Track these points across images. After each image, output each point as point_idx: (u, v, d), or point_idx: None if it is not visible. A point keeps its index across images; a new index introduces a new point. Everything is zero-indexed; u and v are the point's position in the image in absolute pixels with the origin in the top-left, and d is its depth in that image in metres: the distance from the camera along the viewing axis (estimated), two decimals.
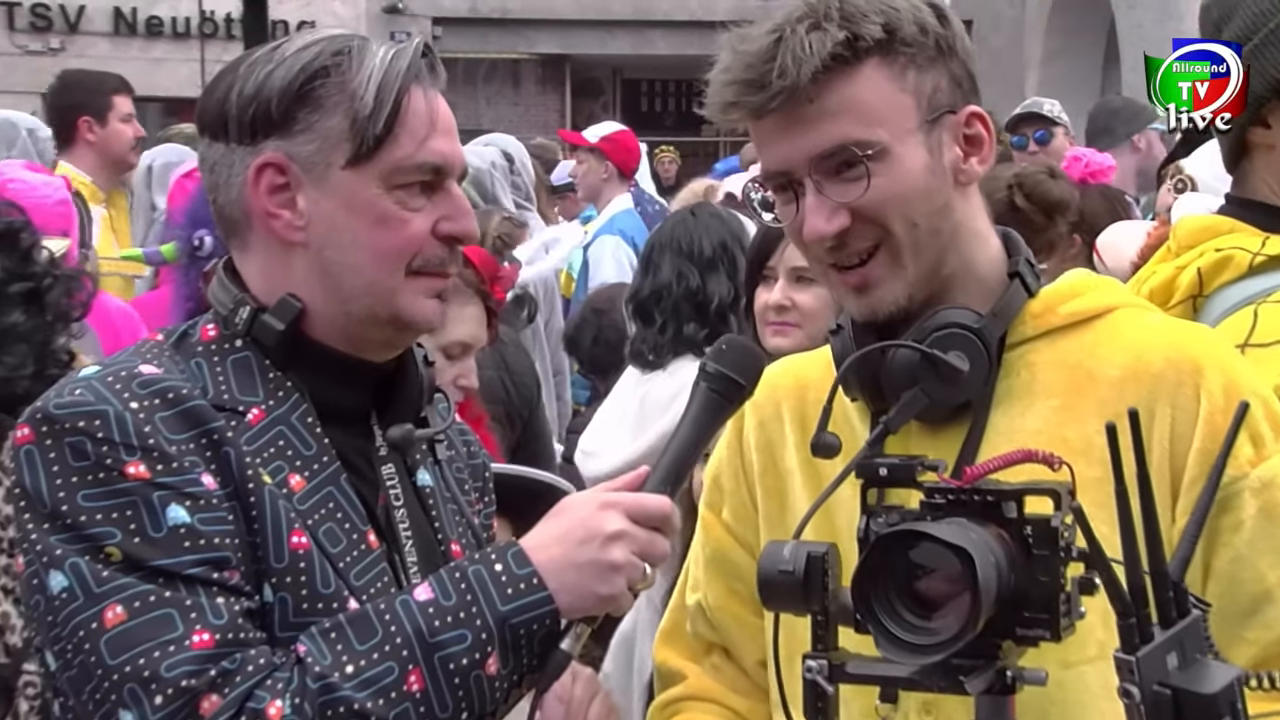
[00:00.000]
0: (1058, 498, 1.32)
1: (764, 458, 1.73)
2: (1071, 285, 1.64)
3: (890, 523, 1.34)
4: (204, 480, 1.47)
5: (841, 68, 1.53)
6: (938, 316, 1.57)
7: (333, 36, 1.58)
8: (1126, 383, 1.56)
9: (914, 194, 1.56)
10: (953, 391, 1.55)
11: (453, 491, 1.67)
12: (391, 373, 1.62)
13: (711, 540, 1.79)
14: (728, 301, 3.47)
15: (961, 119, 1.60)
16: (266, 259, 1.58)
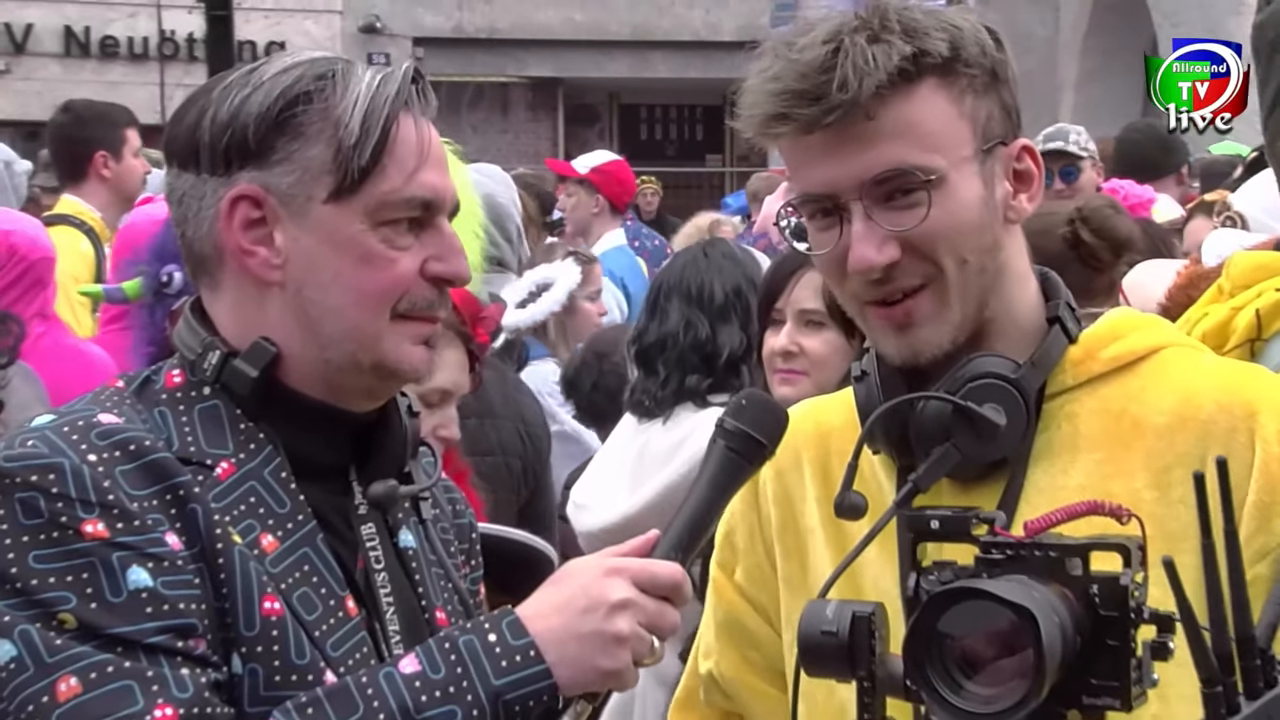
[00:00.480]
0: (1127, 554, 1.31)
1: (782, 512, 1.73)
2: (1113, 326, 1.64)
3: (943, 580, 1.33)
4: (168, 540, 1.47)
5: (903, 85, 1.53)
6: (972, 365, 1.56)
7: (314, 59, 1.58)
8: (1175, 430, 1.56)
9: (968, 228, 1.56)
10: (988, 447, 1.55)
11: (438, 554, 1.67)
12: (372, 424, 1.62)
13: (724, 604, 1.78)
14: (739, 353, 3.47)
15: (1013, 152, 1.60)
16: (239, 299, 1.58)
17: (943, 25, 1.57)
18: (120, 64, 17.00)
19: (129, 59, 16.97)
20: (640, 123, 19.10)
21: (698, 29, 17.27)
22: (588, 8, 17.72)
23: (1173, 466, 1.55)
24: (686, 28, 17.39)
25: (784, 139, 1.58)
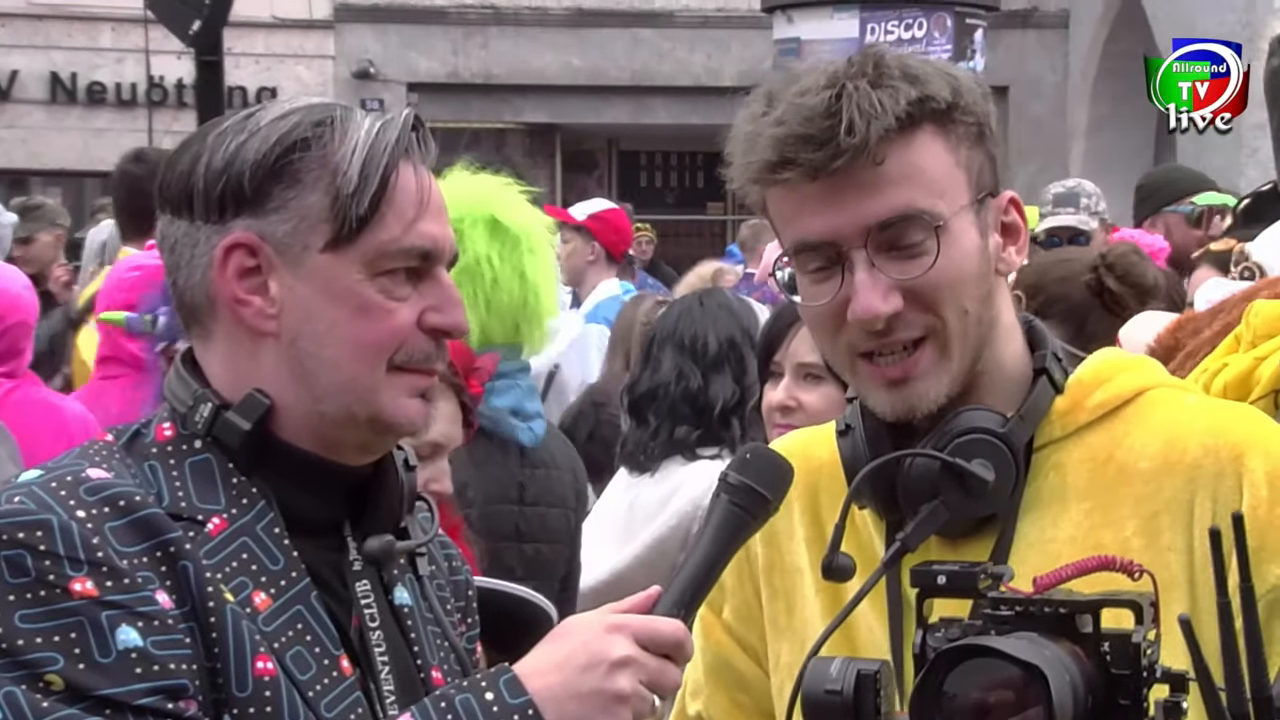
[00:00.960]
0: (1139, 611, 1.31)
1: (770, 551, 1.73)
2: (1097, 371, 1.65)
3: (950, 637, 1.33)
4: (158, 598, 1.47)
5: (907, 130, 1.55)
6: (960, 420, 1.57)
7: (312, 105, 1.59)
8: (1161, 475, 1.57)
9: (969, 277, 1.58)
10: (977, 504, 1.55)
11: (435, 611, 1.66)
12: (368, 478, 1.63)
13: (712, 644, 1.78)
14: (731, 404, 3.48)
15: (1001, 204, 1.63)
16: (232, 350, 1.59)
17: (941, 73, 1.59)
18: (107, 110, 17.07)
19: (116, 105, 17.03)
20: (640, 169, 19.16)
21: (698, 74, 17.36)
22: (586, 53, 17.82)
23: (1160, 513, 1.56)
24: (687, 73, 17.48)
25: (781, 187, 1.58)
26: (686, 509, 3.44)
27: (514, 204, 3.40)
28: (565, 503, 3.53)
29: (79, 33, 16.91)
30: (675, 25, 17.81)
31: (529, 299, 3.35)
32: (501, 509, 3.43)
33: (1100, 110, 16.83)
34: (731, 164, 1.61)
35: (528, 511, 3.46)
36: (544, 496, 3.47)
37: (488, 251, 3.30)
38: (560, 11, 17.79)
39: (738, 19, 16.94)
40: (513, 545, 3.44)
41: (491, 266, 3.30)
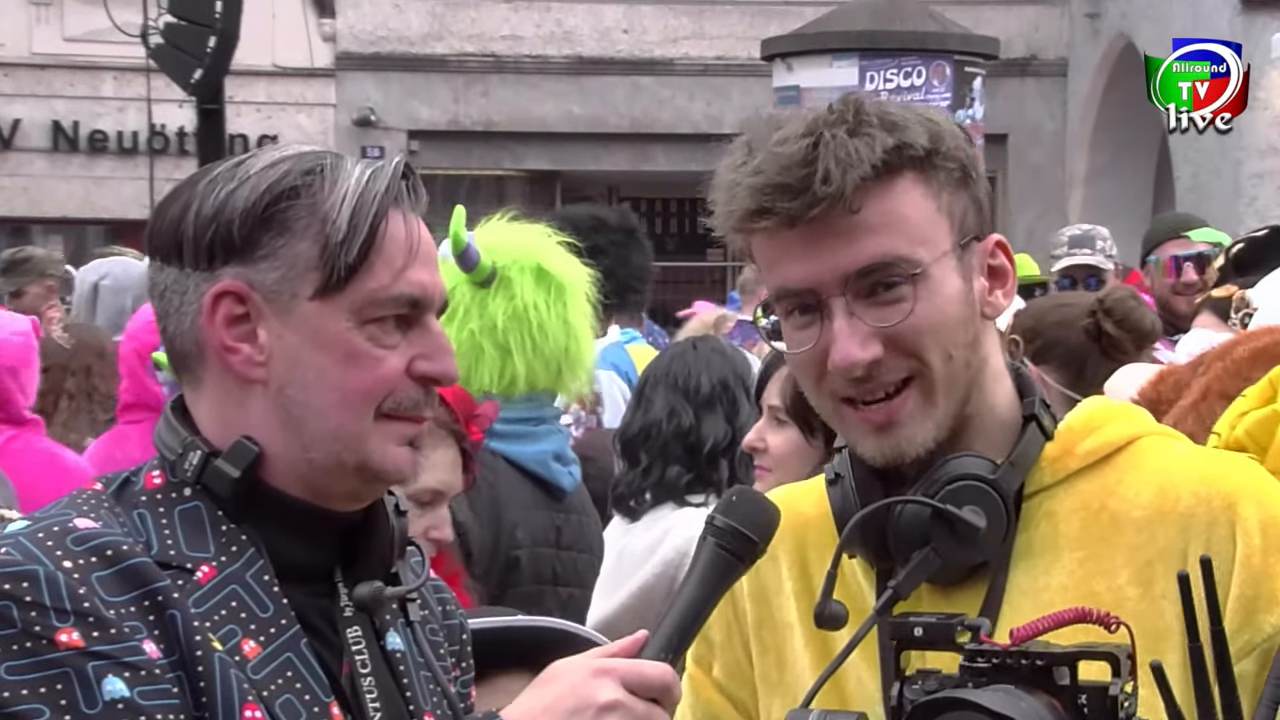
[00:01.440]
0: (1116, 663, 1.31)
1: (759, 608, 1.72)
2: (1087, 419, 1.65)
3: (927, 690, 1.33)
4: (145, 648, 1.46)
5: (886, 177, 1.56)
6: (950, 466, 1.57)
7: (302, 153, 1.59)
8: (1154, 524, 1.57)
9: (952, 323, 1.58)
10: (969, 551, 1.55)
11: (426, 657, 1.65)
12: (358, 524, 1.62)
13: (701, 702, 1.77)
14: (722, 445, 3.49)
15: (988, 247, 1.63)
16: (221, 397, 1.59)
17: (920, 119, 1.59)
18: (109, 159, 17.13)
19: (118, 153, 17.09)
20: (640, 216, 19.21)
21: (698, 122, 17.43)
22: (586, 101, 17.90)
23: (1154, 561, 1.55)
24: (687, 120, 17.55)
25: (761, 234, 1.59)
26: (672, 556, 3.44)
27: (558, 253, 3.47)
28: (593, 549, 3.55)
29: (81, 82, 16.99)
30: (675, 73, 17.90)
31: (571, 345, 3.40)
32: (542, 552, 3.45)
33: (1099, 159, 16.89)
34: (714, 212, 1.62)
35: (563, 556, 3.50)
36: (577, 542, 3.50)
37: (535, 299, 3.34)
38: (560, 60, 17.88)
39: (737, 67, 17.02)
40: (550, 589, 3.45)
41: (539, 313, 3.35)
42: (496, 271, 3.35)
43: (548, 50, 17.88)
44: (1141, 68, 8.67)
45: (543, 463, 3.45)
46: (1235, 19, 13.65)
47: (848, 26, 11.95)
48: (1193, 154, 14.87)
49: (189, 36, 10.42)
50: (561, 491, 3.49)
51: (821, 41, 11.89)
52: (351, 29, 17.81)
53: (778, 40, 12.55)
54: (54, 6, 16.76)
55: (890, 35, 11.70)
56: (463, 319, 3.34)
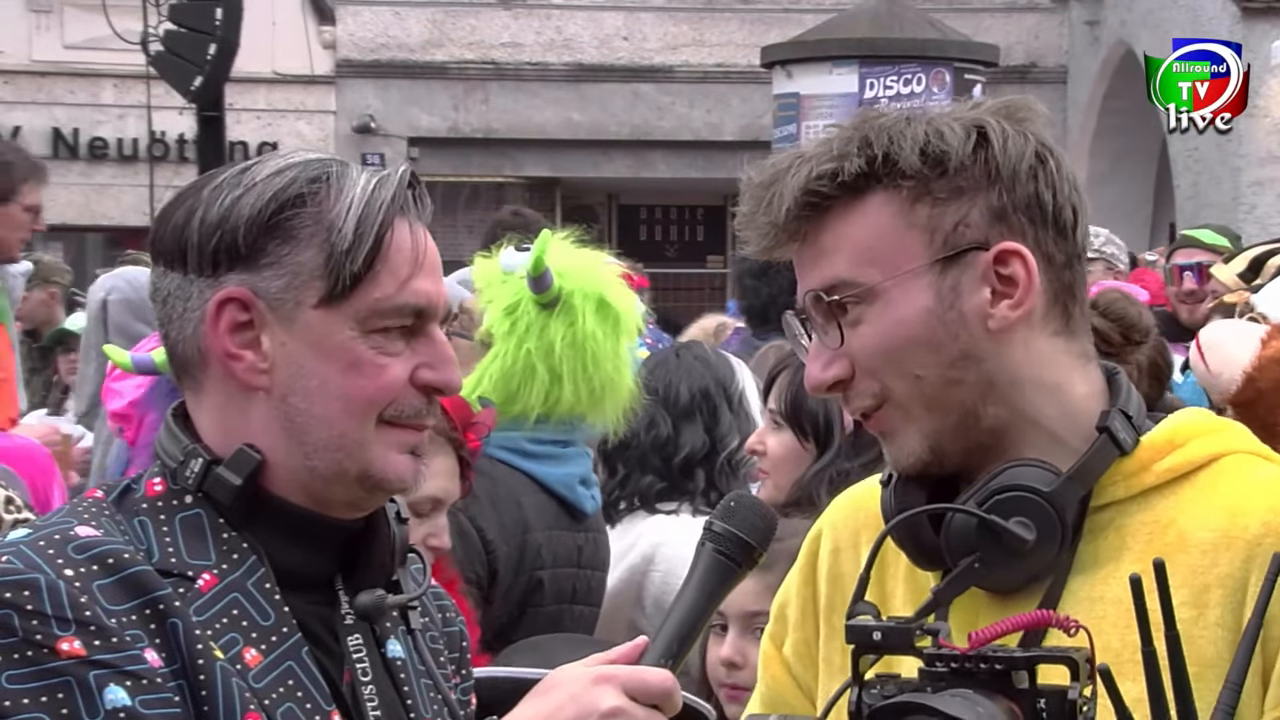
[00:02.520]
0: (1075, 667, 1.31)
1: (834, 592, 1.71)
2: (1172, 434, 1.60)
3: (886, 694, 1.33)
4: (147, 657, 1.46)
5: (837, 202, 1.57)
6: (1004, 475, 1.54)
7: (308, 161, 1.59)
8: (1219, 549, 1.53)
9: (909, 343, 1.56)
10: (1016, 563, 1.53)
11: (427, 664, 1.65)
12: (359, 531, 1.62)
13: (768, 677, 1.78)
14: (699, 455, 3.50)
15: (991, 257, 1.57)
16: (223, 404, 1.58)
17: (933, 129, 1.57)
18: (109, 166, 17.14)
19: (118, 160, 17.10)
20: (640, 223, 19.21)
21: (698, 129, 17.44)
22: (586, 108, 17.91)
23: (1212, 586, 1.52)
24: (687, 128, 17.55)
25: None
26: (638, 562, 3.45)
27: (618, 285, 3.49)
28: (605, 566, 3.56)
29: (81, 89, 17.01)
30: (675, 80, 17.91)
31: (616, 376, 3.41)
32: (565, 572, 3.47)
33: (1099, 166, 16.89)
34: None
35: (582, 575, 3.51)
36: (593, 560, 3.52)
37: (595, 329, 3.37)
38: (560, 67, 17.89)
39: (737, 74, 17.04)
40: (568, 608, 3.46)
41: (595, 343, 3.37)
42: (562, 295, 3.35)
43: (548, 57, 17.89)
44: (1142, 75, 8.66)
45: (569, 485, 3.45)
46: (1235, 25, 13.65)
47: (848, 34, 11.96)
48: (1192, 162, 14.87)
49: (189, 44, 10.43)
50: (583, 513, 3.50)
51: (821, 49, 11.89)
52: (351, 36, 17.82)
53: (778, 48, 12.56)
54: (54, 14, 16.77)
55: (890, 43, 11.70)
56: (522, 336, 3.34)
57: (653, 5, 17.98)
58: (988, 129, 1.58)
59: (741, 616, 2.72)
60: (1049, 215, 1.58)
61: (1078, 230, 1.61)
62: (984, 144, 1.57)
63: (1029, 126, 1.60)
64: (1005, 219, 1.57)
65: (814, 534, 1.75)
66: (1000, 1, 17.67)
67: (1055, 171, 1.59)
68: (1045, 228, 1.58)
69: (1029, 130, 1.59)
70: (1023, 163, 1.57)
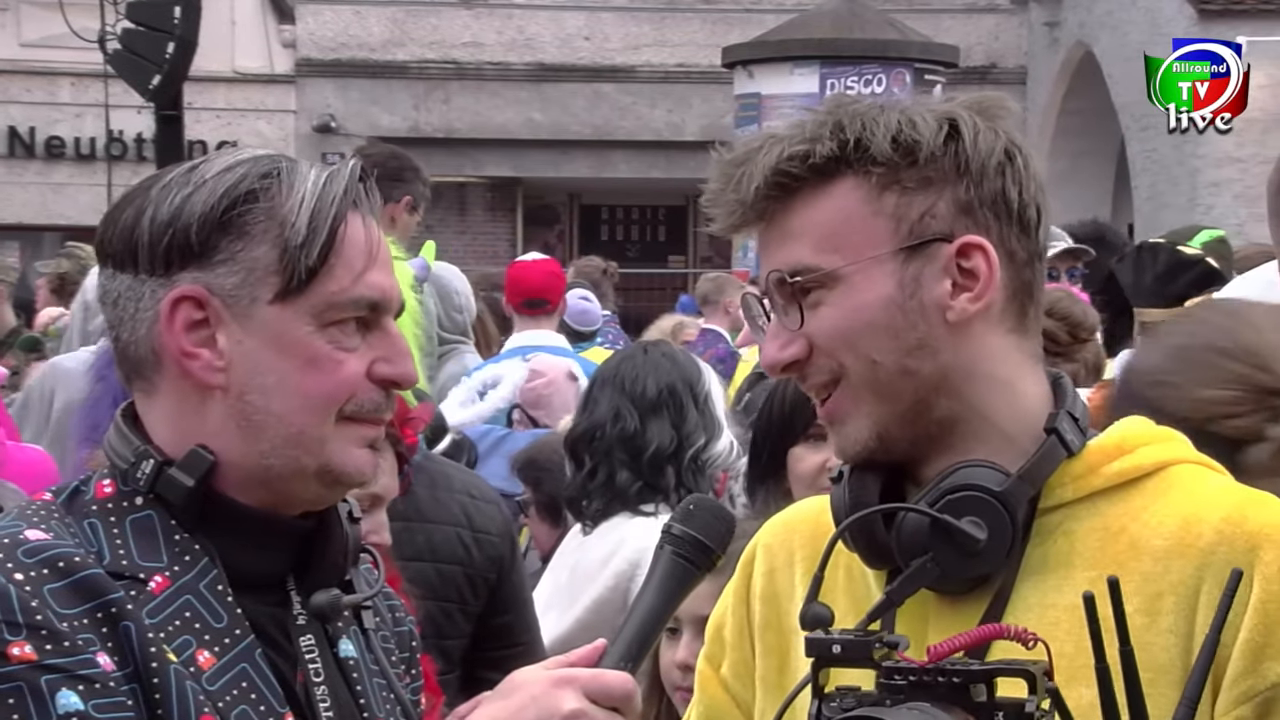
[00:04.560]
0: (1032, 680, 1.31)
1: (768, 610, 1.72)
2: (1121, 439, 1.60)
3: (844, 707, 1.33)
4: (99, 661, 1.45)
5: (805, 184, 1.57)
6: (956, 475, 1.54)
7: (258, 157, 1.58)
8: (1172, 556, 1.53)
9: (868, 328, 1.56)
10: (968, 563, 1.53)
11: (381, 664, 1.65)
12: (312, 531, 1.61)
13: (706, 698, 1.77)
14: (667, 451, 3.48)
15: (954, 250, 1.57)
16: (177, 404, 1.57)
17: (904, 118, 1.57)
18: (66, 165, 17.04)
19: (75, 160, 17.00)
20: (601, 223, 19.22)
21: (660, 129, 17.45)
22: (547, 108, 17.90)
23: (1165, 594, 1.52)
24: (648, 128, 17.56)
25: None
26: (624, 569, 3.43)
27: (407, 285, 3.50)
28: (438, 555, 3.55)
29: (38, 88, 16.89)
30: (637, 80, 17.93)
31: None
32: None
33: (1058, 166, 16.98)
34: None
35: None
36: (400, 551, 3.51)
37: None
38: (522, 67, 17.88)
39: (699, 74, 17.06)
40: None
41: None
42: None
43: (509, 57, 17.88)
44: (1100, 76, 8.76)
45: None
46: (1192, 28, 13.76)
47: (808, 34, 12.00)
48: (1150, 163, 14.98)
49: (147, 42, 10.38)
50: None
51: (782, 49, 11.94)
52: (311, 35, 17.76)
53: (739, 48, 12.59)
54: (10, 11, 16.65)
55: (851, 43, 11.75)
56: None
57: (614, 5, 17.99)
58: (960, 122, 1.58)
59: (697, 620, 2.65)
60: (1014, 212, 1.58)
61: (1040, 229, 1.61)
62: (955, 137, 1.57)
63: (1000, 124, 1.60)
64: (971, 213, 1.57)
65: (748, 555, 1.75)
66: (960, 2, 17.76)
67: (1023, 169, 1.59)
68: (1009, 224, 1.58)
69: (1000, 127, 1.59)
70: (992, 158, 1.57)
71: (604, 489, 3.50)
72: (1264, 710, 1.48)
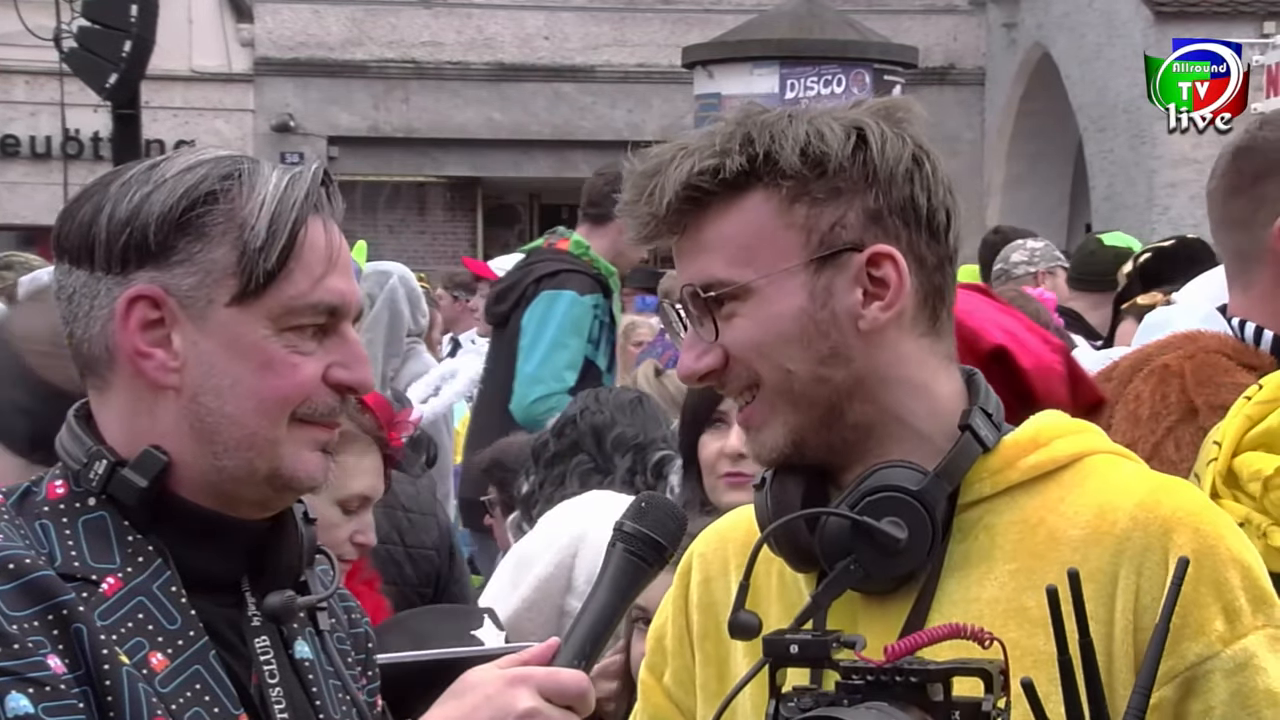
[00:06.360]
0: (989, 679, 1.32)
1: (706, 619, 1.73)
2: (1035, 433, 1.63)
3: (803, 707, 1.34)
4: (50, 664, 1.43)
5: (716, 198, 1.58)
6: (874, 477, 1.57)
7: (219, 158, 1.57)
8: (1089, 545, 1.56)
9: (780, 339, 1.58)
10: (891, 563, 1.55)
11: (336, 665, 1.64)
12: (266, 533, 1.60)
13: (650, 707, 1.78)
14: (629, 441, 3.51)
15: (864, 259, 1.58)
16: (130, 404, 1.56)
17: (807, 130, 1.58)
18: (21, 164, 16.90)
19: (30, 158, 16.87)
20: (561, 223, 19.18)
21: (620, 129, 17.42)
22: (507, 108, 17.87)
23: (1084, 582, 1.51)
24: (608, 128, 17.55)
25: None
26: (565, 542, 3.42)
27: None
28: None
29: None
30: (596, 80, 17.92)
31: None
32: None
33: (1016, 168, 17.08)
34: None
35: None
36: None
37: None
38: (481, 66, 17.84)
39: (659, 74, 17.07)
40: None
41: None
42: None
43: (469, 57, 17.84)
44: (1058, 77, 8.80)
45: None
46: (1149, 30, 13.85)
47: (768, 35, 12.01)
48: (1108, 164, 15.07)
49: (103, 41, 10.30)
50: None
51: (742, 49, 11.94)
52: (270, 34, 17.68)
53: (699, 48, 12.59)
54: None
55: (810, 44, 11.77)
56: None
57: (574, 5, 17.98)
58: (867, 131, 1.59)
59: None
60: (923, 218, 1.60)
61: (950, 233, 1.63)
62: (863, 146, 1.58)
63: (907, 129, 1.61)
64: (880, 221, 1.59)
65: (684, 566, 1.76)
66: (919, 3, 17.82)
67: (931, 175, 1.60)
68: (919, 231, 1.60)
69: (907, 133, 1.61)
70: (899, 165, 1.59)
71: (558, 483, 3.50)
72: (1185, 689, 1.51)
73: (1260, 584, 1.56)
